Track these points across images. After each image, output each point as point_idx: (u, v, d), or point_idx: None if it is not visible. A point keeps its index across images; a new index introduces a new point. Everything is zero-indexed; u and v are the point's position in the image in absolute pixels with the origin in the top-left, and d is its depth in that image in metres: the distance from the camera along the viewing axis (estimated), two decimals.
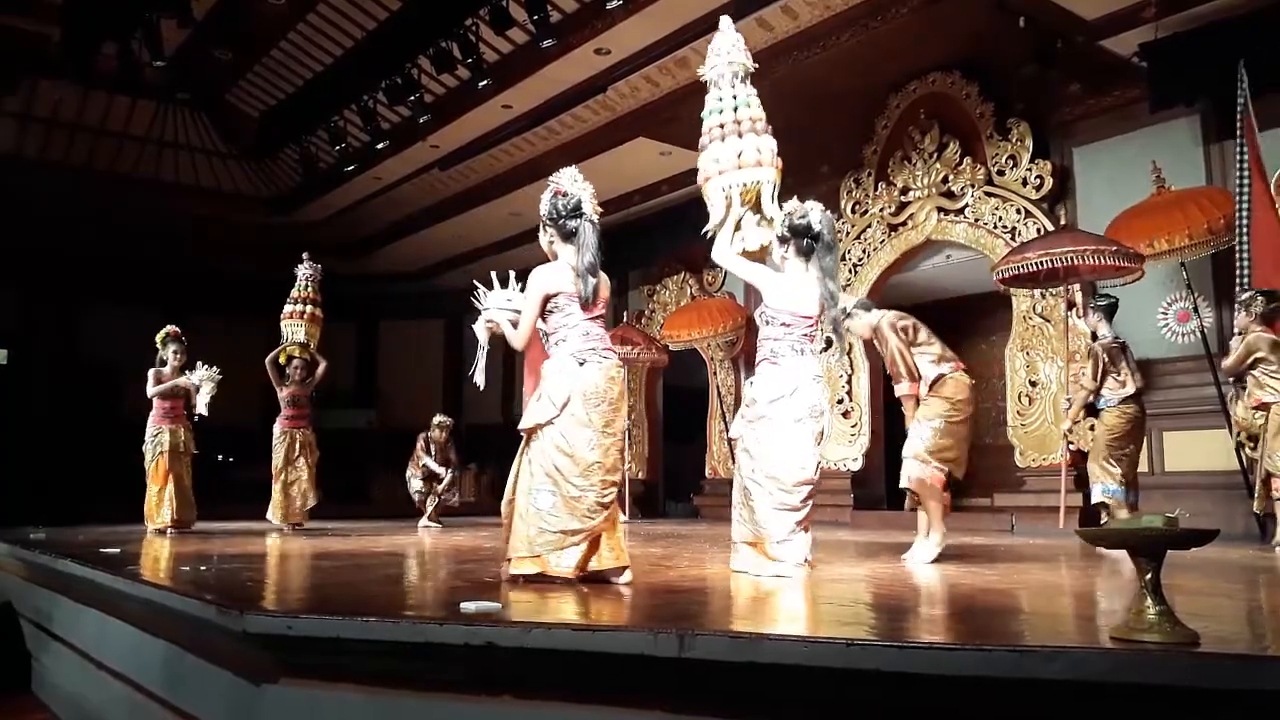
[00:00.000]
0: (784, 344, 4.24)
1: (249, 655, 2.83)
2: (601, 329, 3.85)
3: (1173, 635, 2.11)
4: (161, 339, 8.16)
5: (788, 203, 4.42)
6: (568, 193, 3.88)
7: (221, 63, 10.39)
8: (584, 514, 3.55)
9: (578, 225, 3.84)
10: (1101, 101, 8.11)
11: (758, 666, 2.20)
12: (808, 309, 4.27)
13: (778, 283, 4.32)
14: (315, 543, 6.56)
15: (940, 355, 5.11)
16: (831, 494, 9.62)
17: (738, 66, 4.47)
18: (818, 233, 4.32)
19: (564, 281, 3.79)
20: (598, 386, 3.66)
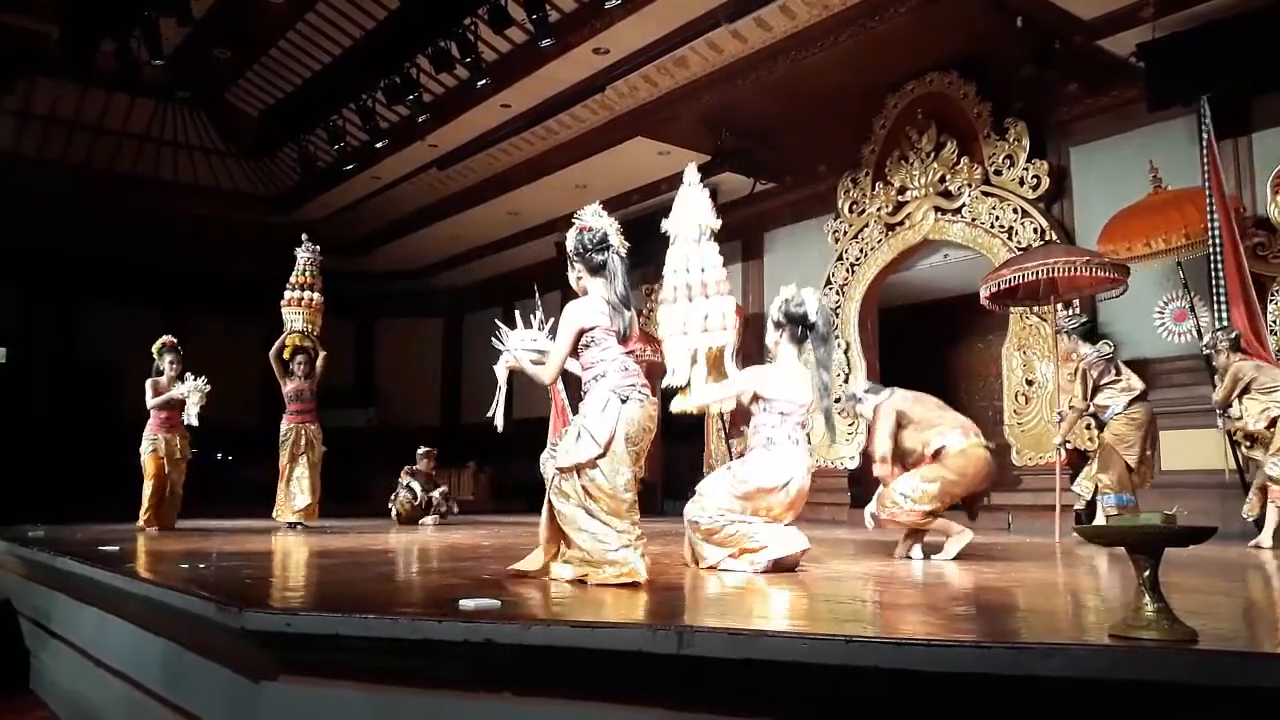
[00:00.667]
0: (780, 431, 4.25)
1: (248, 652, 2.83)
2: (638, 367, 3.75)
3: (1170, 632, 2.12)
4: (158, 349, 8.17)
5: (786, 288, 4.49)
6: (592, 226, 3.86)
7: (221, 61, 10.39)
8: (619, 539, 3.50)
9: (605, 258, 3.80)
10: (1099, 101, 8.13)
11: (756, 663, 2.20)
12: (803, 396, 4.31)
13: (769, 374, 4.38)
14: (314, 541, 6.57)
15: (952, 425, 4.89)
16: (829, 492, 9.65)
17: (704, 226, 4.49)
18: (813, 323, 4.37)
19: (598, 316, 3.69)
20: (641, 425, 3.58)
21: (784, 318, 4.40)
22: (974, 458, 4.72)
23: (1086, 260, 6.47)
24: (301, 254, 8.91)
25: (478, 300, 15.70)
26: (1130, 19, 7.08)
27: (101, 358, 13.52)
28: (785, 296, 4.44)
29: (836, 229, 9.90)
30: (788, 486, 4.14)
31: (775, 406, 4.26)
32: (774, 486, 4.12)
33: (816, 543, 6.25)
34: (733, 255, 11.55)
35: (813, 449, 9.63)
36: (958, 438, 4.76)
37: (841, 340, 9.70)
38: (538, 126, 9.85)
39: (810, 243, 10.52)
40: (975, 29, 7.83)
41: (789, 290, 4.46)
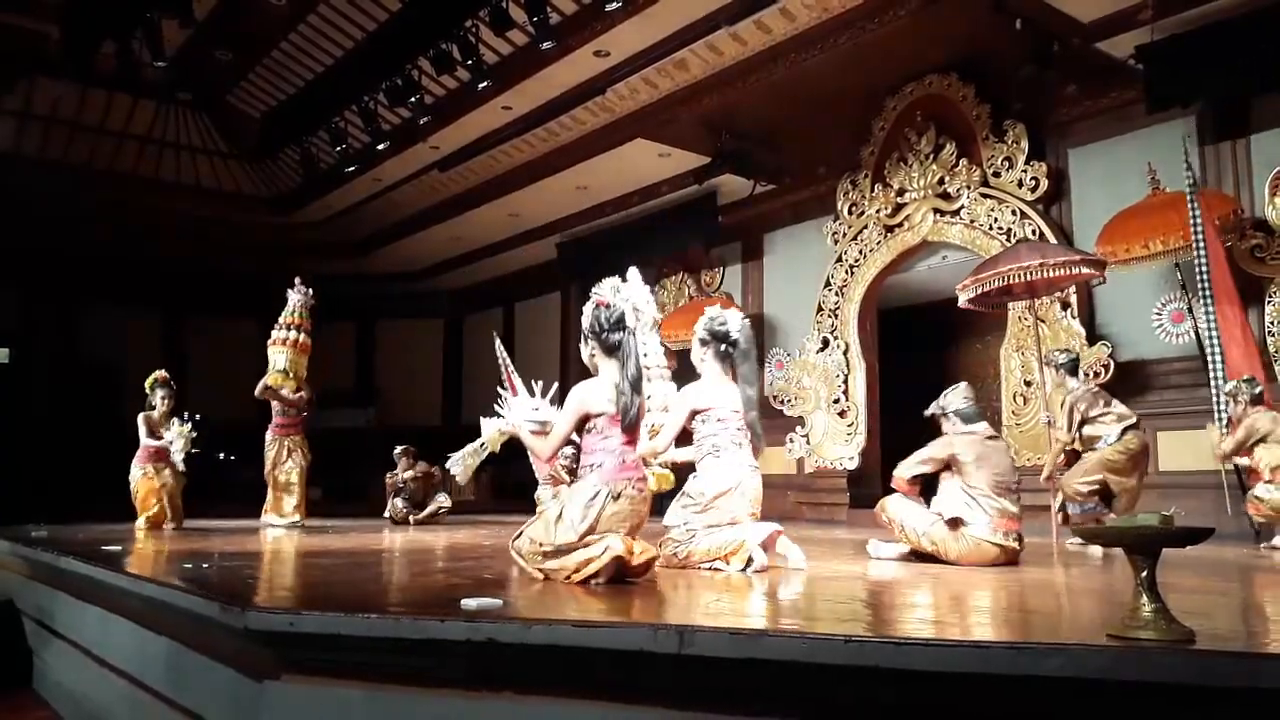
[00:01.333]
0: (723, 438, 4.33)
1: (251, 652, 2.85)
2: (638, 460, 3.70)
3: (1168, 633, 2.13)
4: (150, 384, 8.17)
5: (710, 308, 4.66)
6: (610, 304, 3.72)
7: (222, 63, 10.40)
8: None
9: (621, 338, 3.67)
10: (1097, 103, 8.16)
11: (757, 663, 2.22)
12: (735, 404, 4.41)
13: (699, 387, 4.48)
14: (314, 541, 6.58)
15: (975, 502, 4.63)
16: (828, 492, 9.67)
17: (648, 318, 4.56)
18: (735, 339, 4.50)
19: (605, 402, 3.63)
20: (628, 516, 3.57)
21: (708, 335, 4.55)
22: (984, 549, 4.61)
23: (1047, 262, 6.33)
24: (294, 295, 8.74)
25: (478, 301, 15.72)
26: (1129, 21, 7.11)
27: (102, 357, 13.55)
28: (709, 315, 4.60)
29: (836, 230, 9.92)
30: (740, 487, 4.24)
31: (713, 415, 4.38)
32: (727, 489, 4.21)
33: (816, 542, 6.28)
34: (733, 256, 11.60)
35: (812, 448, 9.70)
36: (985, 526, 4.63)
37: (841, 342, 9.72)
38: (539, 128, 9.87)
39: (809, 244, 10.54)
40: (974, 31, 7.85)
41: (713, 310, 4.64)
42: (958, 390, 4.98)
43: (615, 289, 3.80)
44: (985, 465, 4.65)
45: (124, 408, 8.59)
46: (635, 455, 3.68)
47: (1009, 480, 4.73)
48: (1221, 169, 7.45)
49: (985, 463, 4.66)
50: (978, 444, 4.72)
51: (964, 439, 4.74)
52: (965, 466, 4.66)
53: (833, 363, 9.75)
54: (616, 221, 11.97)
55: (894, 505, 4.87)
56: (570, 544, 3.49)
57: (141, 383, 8.16)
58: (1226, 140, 7.44)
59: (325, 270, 15.11)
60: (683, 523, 4.26)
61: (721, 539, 4.14)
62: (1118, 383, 7.59)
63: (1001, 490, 4.66)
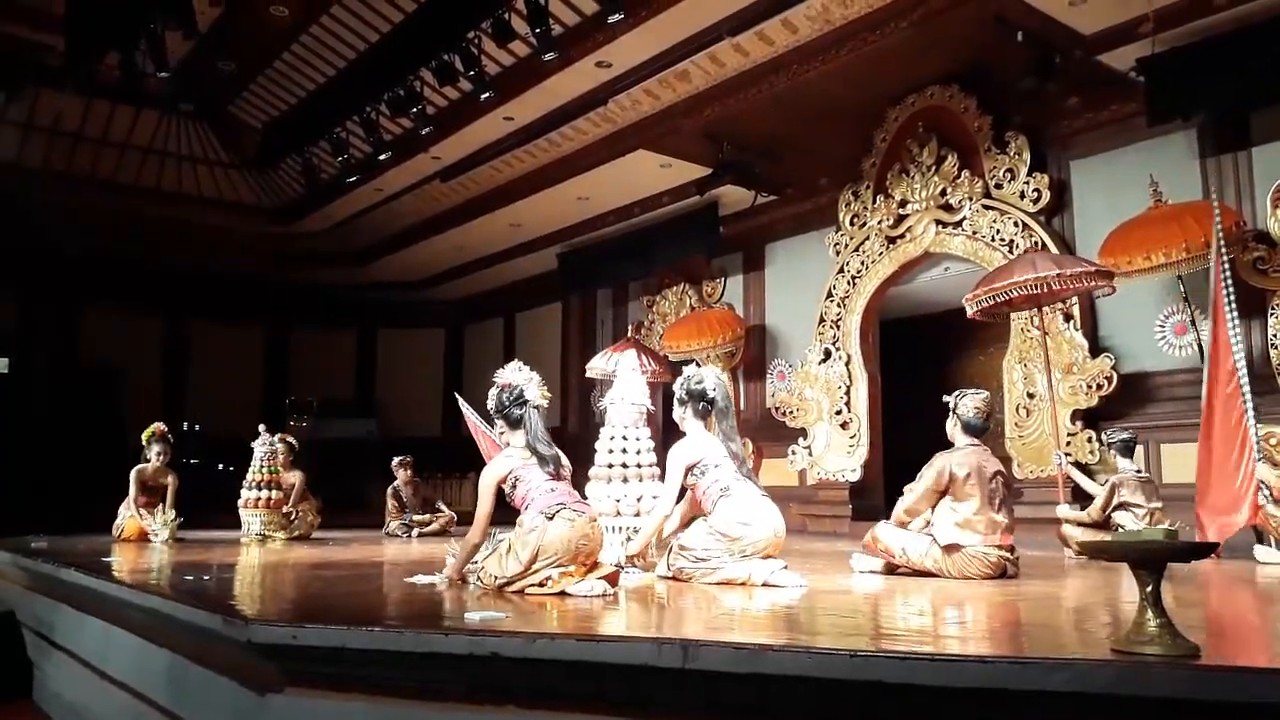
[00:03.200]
0: (727, 477, 4.39)
1: (253, 665, 2.84)
2: (568, 485, 3.95)
3: (1173, 648, 2.13)
4: (147, 438, 8.09)
5: (688, 368, 4.76)
6: (511, 383, 4.09)
7: (225, 74, 10.42)
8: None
9: (523, 413, 4.04)
10: (1099, 115, 8.17)
11: (761, 678, 2.21)
12: (724, 451, 4.47)
13: (687, 444, 4.53)
14: (316, 552, 6.57)
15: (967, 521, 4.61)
16: (829, 505, 9.64)
17: (640, 410, 4.60)
18: (711, 398, 4.60)
19: (514, 462, 3.96)
20: (572, 541, 3.69)
21: (686, 395, 4.66)
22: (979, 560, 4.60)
23: (1064, 273, 6.45)
24: (258, 447, 8.20)
25: (479, 311, 15.73)
26: (1130, 34, 7.12)
27: (103, 365, 13.56)
28: (686, 375, 4.71)
29: (837, 241, 9.93)
30: (760, 516, 4.26)
31: (707, 462, 4.43)
32: (748, 520, 4.23)
33: (817, 555, 6.28)
34: (734, 267, 11.60)
35: (814, 460, 9.69)
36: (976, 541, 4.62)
37: (843, 353, 9.72)
38: (540, 139, 9.88)
39: (811, 255, 10.54)
40: (976, 43, 7.86)
41: (690, 369, 4.75)
42: (975, 394, 5.00)
43: (517, 368, 4.16)
44: (981, 480, 4.68)
45: (124, 414, 8.57)
46: (564, 486, 3.91)
47: (1002, 493, 4.75)
48: (1223, 181, 7.45)
49: (981, 477, 4.68)
50: (970, 457, 4.73)
51: (958, 456, 4.75)
52: (960, 486, 4.67)
53: (835, 374, 9.74)
54: (617, 232, 11.98)
55: (887, 534, 4.89)
56: (518, 574, 3.67)
57: (141, 387, 8.14)
58: (1228, 153, 7.44)
59: (326, 279, 15.21)
60: (702, 546, 4.24)
61: (728, 574, 4.14)
62: (1120, 395, 7.59)
63: (994, 501, 4.67)
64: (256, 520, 8.00)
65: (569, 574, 3.62)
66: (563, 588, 3.57)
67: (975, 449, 4.81)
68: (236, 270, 14.65)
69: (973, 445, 4.84)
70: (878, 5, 7.25)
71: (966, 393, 5.00)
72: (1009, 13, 7.08)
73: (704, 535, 4.28)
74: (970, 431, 4.89)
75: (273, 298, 15.42)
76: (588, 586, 3.58)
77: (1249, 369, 7.13)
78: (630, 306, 12.88)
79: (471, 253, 13.66)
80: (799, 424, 10.00)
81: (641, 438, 4.60)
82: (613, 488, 4.46)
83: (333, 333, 16.15)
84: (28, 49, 9.16)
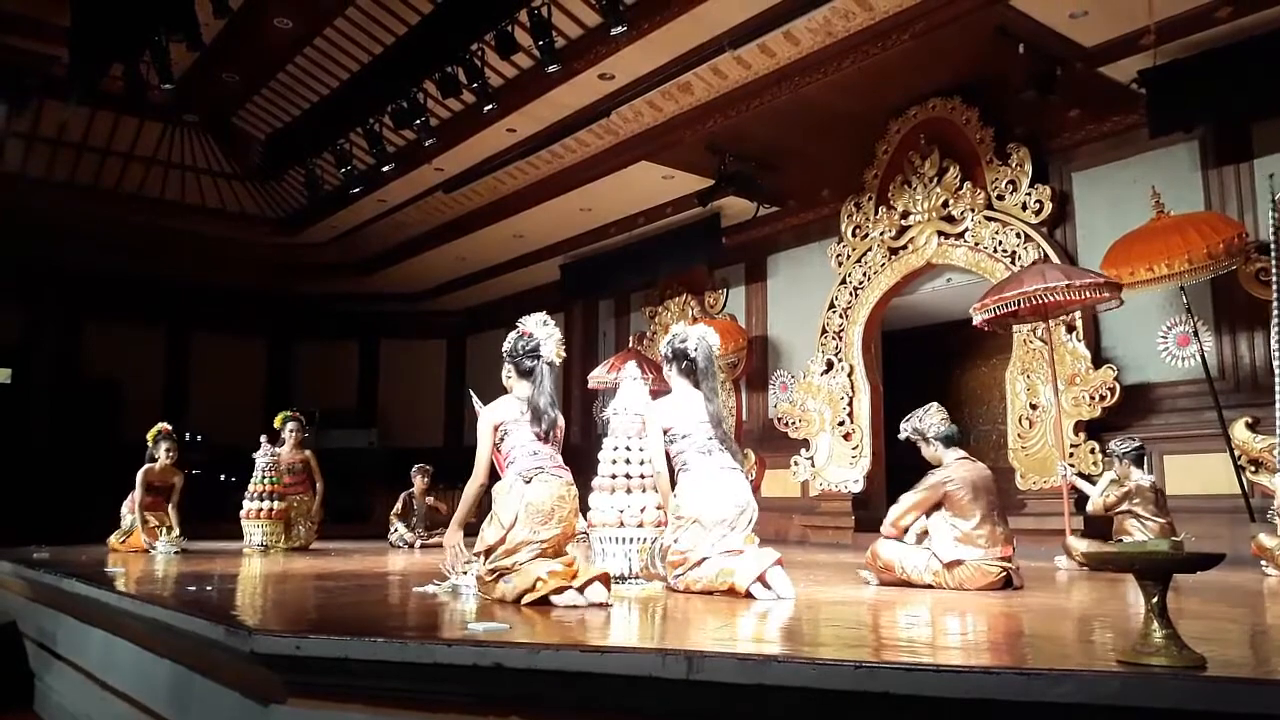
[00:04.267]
0: (689, 453, 4.43)
1: (256, 675, 2.84)
2: (553, 449, 4.02)
3: (1179, 659, 2.12)
4: (153, 436, 8.10)
5: (675, 326, 4.86)
6: (531, 334, 4.15)
7: (229, 85, 10.46)
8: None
9: (534, 365, 4.10)
10: (1101, 127, 8.18)
11: (766, 688, 2.21)
12: (699, 414, 4.50)
13: (662, 405, 4.59)
14: (318, 563, 6.56)
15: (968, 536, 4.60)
16: (833, 516, 9.63)
17: (643, 419, 4.63)
18: (693, 357, 4.62)
19: (512, 411, 4.03)
20: (548, 502, 3.79)
21: (670, 353, 4.71)
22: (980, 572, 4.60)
23: (1073, 284, 6.44)
24: (260, 458, 8.19)
25: (481, 321, 15.75)
26: (1131, 46, 7.15)
27: (105, 375, 13.57)
28: (672, 332, 4.77)
29: (840, 252, 9.94)
30: (715, 493, 4.27)
31: (676, 431, 4.49)
32: (700, 497, 4.26)
33: (821, 566, 6.26)
34: (736, 277, 11.62)
35: (816, 471, 9.67)
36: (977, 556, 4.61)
37: (845, 364, 9.72)
38: (543, 150, 9.90)
39: (813, 266, 10.56)
40: (977, 55, 7.88)
41: (676, 327, 4.82)
42: (932, 412, 4.96)
43: (541, 322, 4.21)
44: (979, 493, 4.66)
45: (124, 424, 8.57)
46: (548, 449, 3.97)
47: (998, 503, 4.75)
48: (1225, 193, 7.46)
49: (978, 491, 4.66)
50: (965, 471, 4.72)
51: (953, 472, 4.72)
52: (961, 502, 4.64)
53: (837, 385, 9.74)
54: (620, 243, 11.99)
55: (887, 550, 4.87)
56: (498, 542, 3.72)
57: (142, 398, 8.16)
58: (1230, 164, 7.46)
59: (329, 290, 15.23)
60: (673, 540, 4.28)
61: (714, 570, 4.12)
62: (1123, 406, 7.59)
63: (994, 514, 4.67)
64: (258, 531, 7.99)
65: (556, 573, 3.60)
66: (548, 591, 3.54)
67: (965, 461, 4.80)
68: (239, 281, 14.68)
69: (961, 458, 4.82)
70: (880, 18, 7.28)
71: (914, 415, 4.95)
72: (1010, 25, 7.11)
73: (669, 531, 4.32)
74: (951, 443, 4.89)
75: (275, 309, 15.46)
76: (571, 597, 3.55)
77: (1252, 380, 7.18)
78: (632, 317, 12.89)
79: (474, 264, 13.68)
80: (801, 435, 9.99)
81: (644, 448, 4.59)
82: (616, 498, 4.45)
83: (335, 344, 16.18)
84: (32, 60, 9.19)
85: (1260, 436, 6.67)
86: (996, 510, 4.69)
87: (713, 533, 4.19)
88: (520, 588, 3.61)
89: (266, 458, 8.21)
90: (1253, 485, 6.69)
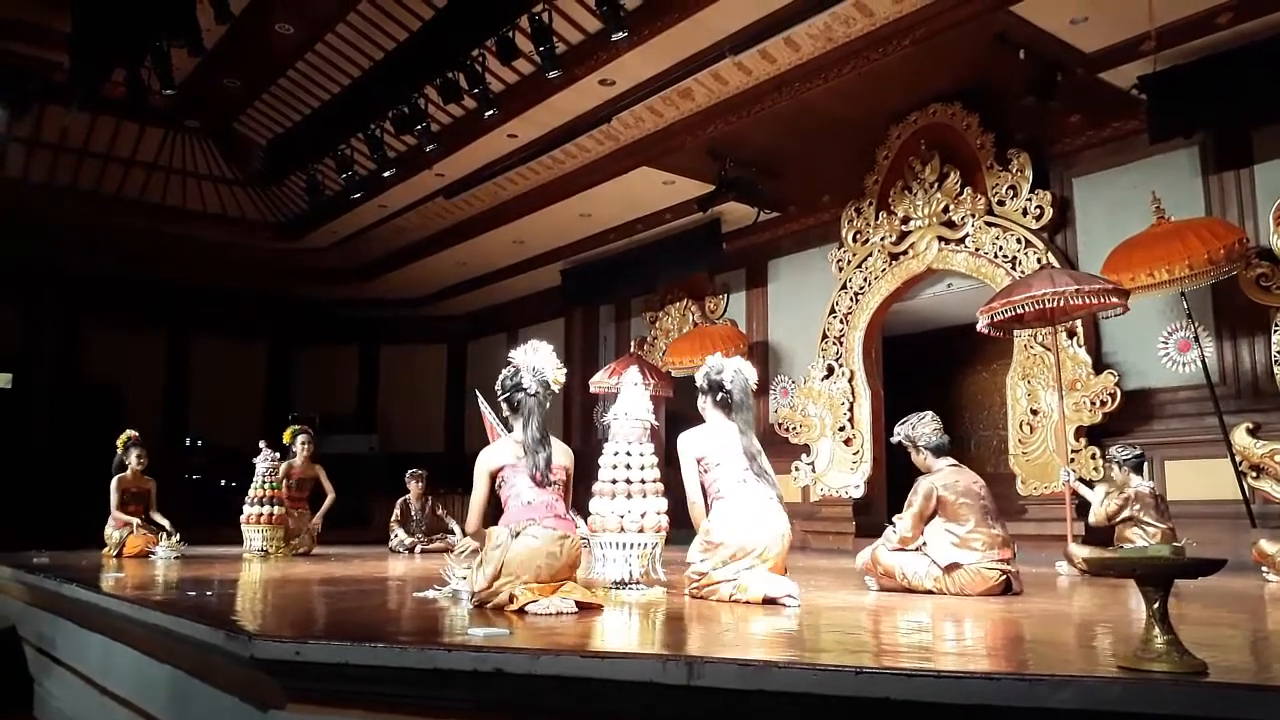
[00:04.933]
0: (725, 482, 4.37)
1: (256, 680, 2.83)
2: (550, 497, 3.88)
3: (1181, 665, 2.12)
4: (123, 443, 8.08)
5: (711, 358, 4.75)
6: (517, 368, 4.07)
7: (230, 90, 10.48)
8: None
9: (521, 398, 4.01)
10: (1101, 132, 8.19)
11: (767, 694, 2.20)
12: (734, 447, 4.44)
13: (694, 436, 4.55)
14: (318, 568, 6.55)
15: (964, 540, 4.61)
16: (833, 521, 9.63)
17: (644, 425, 4.61)
18: (729, 389, 4.57)
19: (509, 455, 3.93)
20: (537, 559, 3.64)
21: (706, 385, 4.66)
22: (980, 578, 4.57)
23: (1082, 289, 6.44)
24: (260, 464, 8.13)
25: (482, 327, 15.76)
26: (1131, 52, 7.16)
27: (105, 380, 13.57)
28: (708, 364, 4.70)
29: (840, 258, 9.94)
30: (749, 522, 4.21)
31: (710, 461, 4.43)
32: (733, 527, 4.21)
33: (822, 572, 6.26)
34: (737, 283, 11.62)
35: (817, 477, 9.67)
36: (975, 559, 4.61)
37: (846, 369, 9.72)
38: (544, 156, 9.92)
39: (814, 271, 10.56)
40: (977, 61, 7.89)
41: (712, 359, 4.73)
42: (926, 421, 4.98)
43: (531, 350, 4.11)
44: (971, 498, 4.68)
45: (124, 428, 8.57)
46: (544, 498, 3.85)
47: (992, 506, 4.75)
48: (1226, 199, 7.47)
49: (970, 495, 4.69)
50: (953, 478, 4.74)
51: (941, 478, 4.75)
52: (953, 507, 4.67)
53: (838, 390, 9.74)
54: (621, 248, 12.01)
55: (887, 557, 4.88)
56: (484, 589, 3.67)
57: (142, 402, 8.16)
58: (1230, 170, 7.47)
59: (330, 295, 15.24)
60: (699, 559, 4.27)
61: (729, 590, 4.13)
62: (1124, 412, 7.58)
63: (988, 517, 4.67)
64: (258, 536, 7.98)
65: (531, 590, 3.59)
66: (523, 604, 3.52)
67: (955, 468, 4.83)
68: (239, 286, 14.69)
69: (951, 465, 4.86)
70: (880, 24, 7.29)
71: (908, 421, 4.98)
72: (1011, 31, 7.12)
73: (697, 545, 4.31)
74: (942, 452, 4.91)
75: (275, 313, 15.46)
76: (546, 605, 3.52)
77: (1253, 386, 7.17)
78: (633, 322, 12.89)
79: (475, 269, 13.70)
80: (802, 440, 9.99)
81: (645, 453, 4.57)
82: (617, 503, 4.43)
83: (335, 348, 16.18)
84: (34, 65, 9.22)
85: (1261, 442, 6.66)
86: (991, 514, 4.70)
87: (741, 561, 4.16)
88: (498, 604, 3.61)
89: (267, 463, 8.21)
90: (1254, 491, 6.69)
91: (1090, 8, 6.77)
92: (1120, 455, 6.21)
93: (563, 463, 4.02)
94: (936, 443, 4.90)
